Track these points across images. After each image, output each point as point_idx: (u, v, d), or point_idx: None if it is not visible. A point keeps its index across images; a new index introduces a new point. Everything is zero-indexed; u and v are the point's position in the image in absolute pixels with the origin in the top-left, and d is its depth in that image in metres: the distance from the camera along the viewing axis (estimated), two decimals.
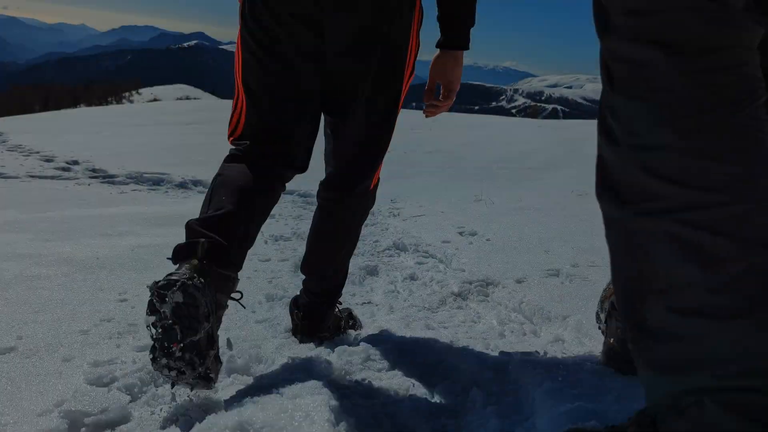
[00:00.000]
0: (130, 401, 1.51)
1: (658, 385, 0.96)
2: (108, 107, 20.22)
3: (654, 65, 0.94)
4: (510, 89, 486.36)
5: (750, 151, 0.90)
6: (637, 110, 0.96)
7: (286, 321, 2.16)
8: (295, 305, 2.05)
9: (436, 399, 1.60)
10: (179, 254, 1.51)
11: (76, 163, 7.55)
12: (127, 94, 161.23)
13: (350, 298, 2.64)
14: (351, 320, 2.19)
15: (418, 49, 1.78)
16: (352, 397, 1.54)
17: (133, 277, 2.64)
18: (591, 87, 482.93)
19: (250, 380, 1.65)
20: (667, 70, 0.93)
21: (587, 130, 11.04)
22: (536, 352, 1.88)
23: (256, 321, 2.20)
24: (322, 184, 1.94)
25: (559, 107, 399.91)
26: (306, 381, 1.52)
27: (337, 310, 2.10)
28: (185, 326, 1.34)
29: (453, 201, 4.95)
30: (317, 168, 1.97)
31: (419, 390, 1.65)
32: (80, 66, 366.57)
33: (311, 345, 1.95)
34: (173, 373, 1.35)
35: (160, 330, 1.35)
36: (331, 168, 1.90)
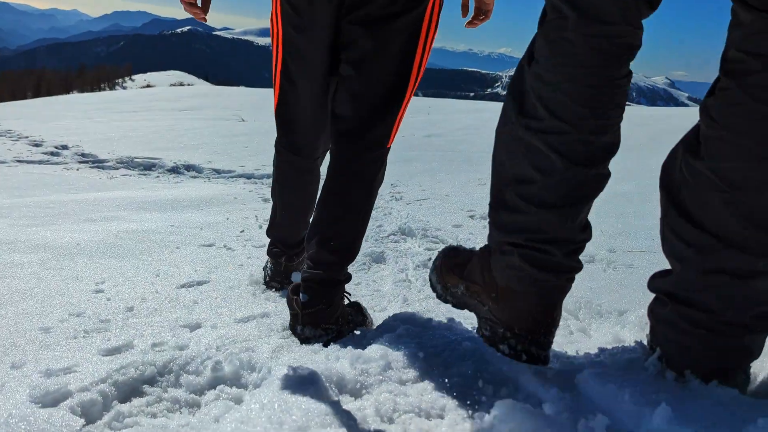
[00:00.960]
0: (84, 425, 1.18)
1: (495, 234, 1.49)
2: (100, 93, 19.97)
3: (568, 20, 1.29)
4: (506, 76, 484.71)
5: (600, 99, 1.32)
6: (547, 48, 1.34)
7: (284, 317, 1.84)
8: (295, 292, 1.75)
9: (477, 421, 1.18)
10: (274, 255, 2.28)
11: (65, 147, 7.37)
12: (120, 80, 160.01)
13: (355, 288, 2.42)
14: (360, 315, 1.89)
15: (441, 7, 1.77)
16: (372, 422, 1.18)
17: (114, 265, 2.46)
18: None
19: (240, 395, 1.34)
20: (574, 27, 1.29)
21: None
22: (595, 355, 1.53)
23: (247, 317, 1.92)
24: (339, 137, 1.79)
25: None
26: (311, 398, 1.19)
27: (345, 300, 1.85)
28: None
29: (456, 184, 4.77)
30: None
31: (457, 412, 1.23)
32: (72, 52, 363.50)
33: (315, 347, 1.60)
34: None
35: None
36: (348, 118, 1.77)
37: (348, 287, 1.87)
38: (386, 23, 1.67)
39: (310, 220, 1.84)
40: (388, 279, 2.61)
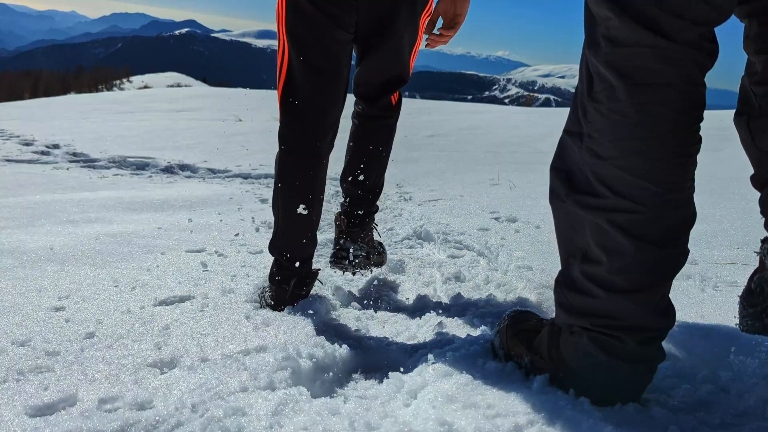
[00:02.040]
0: None
1: (562, 314, 1.35)
2: (98, 94, 19.75)
3: (618, 91, 1.18)
4: (503, 79, 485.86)
5: (671, 173, 1.19)
6: (601, 122, 1.22)
7: (288, 350, 1.49)
8: (340, 213, 2.27)
9: None
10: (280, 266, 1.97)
11: (56, 146, 7.17)
12: (117, 81, 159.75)
13: (375, 304, 2.14)
14: (381, 248, 2.38)
15: None
16: None
17: (86, 274, 2.18)
18: None
19: None
20: (625, 98, 1.17)
21: None
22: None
23: (238, 351, 1.51)
24: (360, 101, 2.14)
25: (551, 97, 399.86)
26: None
27: (376, 232, 2.37)
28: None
29: (467, 185, 4.51)
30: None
31: None
32: (70, 53, 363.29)
33: (332, 404, 1.25)
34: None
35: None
36: (366, 85, 2.10)
37: (366, 305, 2.12)
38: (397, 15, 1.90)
39: (315, 233, 2.00)
40: (411, 294, 2.26)
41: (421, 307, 2.07)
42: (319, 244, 2.19)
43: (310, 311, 1.82)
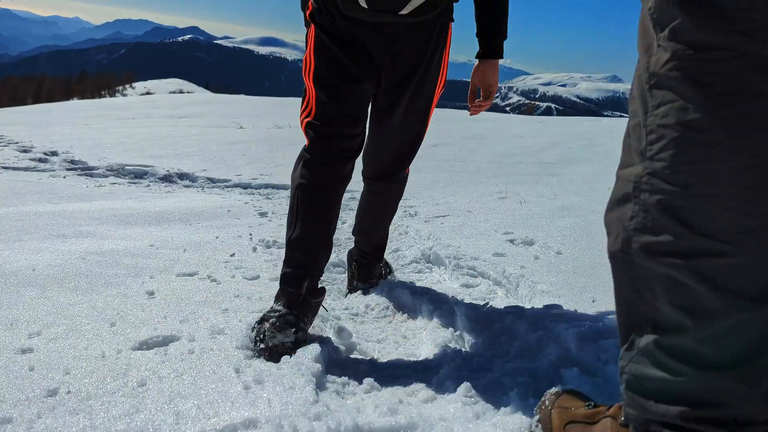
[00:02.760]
0: None
1: (632, 406, 1.03)
2: (100, 100, 19.69)
3: (692, 102, 0.91)
4: (504, 87, 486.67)
5: (762, 204, 0.89)
6: (667, 140, 0.94)
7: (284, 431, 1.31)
8: (352, 258, 2.53)
9: None
10: (288, 282, 1.93)
11: (54, 154, 7.08)
12: (120, 87, 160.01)
13: (379, 345, 1.96)
14: (387, 268, 2.61)
15: (446, 69, 2.14)
16: None
17: (65, 303, 2.00)
18: (585, 86, 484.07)
19: None
20: (704, 111, 0.90)
21: (597, 126, 10.53)
22: None
23: (222, 428, 1.28)
24: (370, 175, 2.31)
25: (553, 105, 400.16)
26: None
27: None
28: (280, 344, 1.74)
29: (474, 197, 4.38)
30: None
31: None
32: (74, 59, 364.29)
33: None
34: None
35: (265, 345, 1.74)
36: (377, 162, 2.26)
37: (371, 346, 1.98)
38: (412, 90, 2.03)
39: (330, 240, 2.04)
40: (428, 340, 1.96)
41: (439, 360, 1.80)
42: (326, 268, 2.35)
43: (311, 362, 1.60)
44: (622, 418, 1.08)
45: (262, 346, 1.69)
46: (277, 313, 1.78)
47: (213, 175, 5.58)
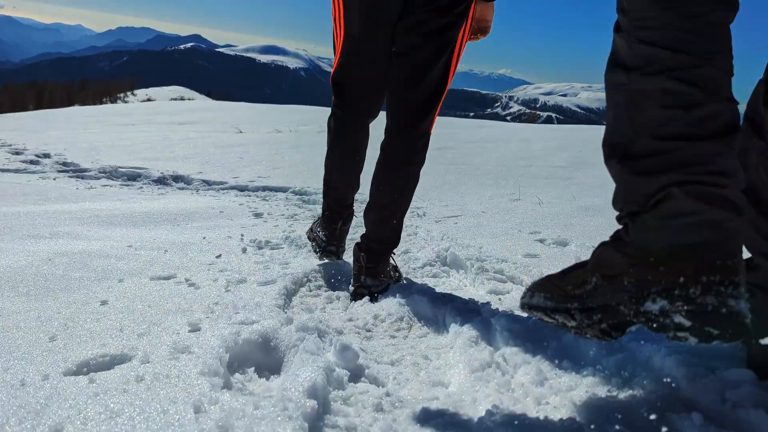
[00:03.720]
0: None
1: (635, 188, 1.20)
2: (101, 106, 19.51)
3: None
4: (505, 96, 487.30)
5: (719, 30, 1.18)
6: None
7: None
8: (360, 249, 2.29)
9: None
10: (329, 221, 2.46)
11: (47, 156, 6.89)
12: (121, 95, 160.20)
13: (395, 371, 1.55)
14: (396, 272, 2.41)
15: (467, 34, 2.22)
16: None
17: (12, 309, 1.74)
18: (586, 95, 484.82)
19: None
20: None
21: (595, 135, 10.28)
22: None
23: None
24: (394, 122, 2.21)
25: (553, 115, 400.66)
26: None
27: (392, 258, 2.41)
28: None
29: (485, 199, 4.12)
30: (312, 170, 1.79)
31: None
32: (76, 66, 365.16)
33: None
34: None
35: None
36: (403, 103, 2.19)
37: (383, 370, 1.61)
38: (439, 33, 2.09)
39: (359, 177, 2.42)
40: (454, 356, 1.60)
41: (477, 392, 1.37)
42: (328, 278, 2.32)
43: (301, 397, 1.19)
44: (619, 231, 1.25)
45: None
46: (322, 244, 2.46)
47: (209, 177, 5.35)
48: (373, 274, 2.24)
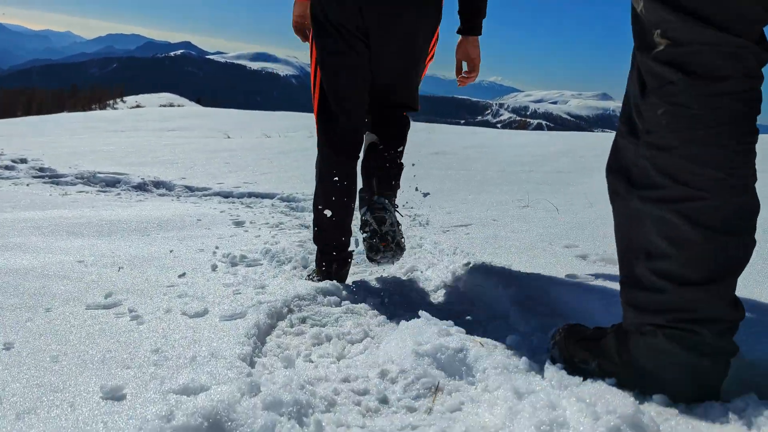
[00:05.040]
0: None
1: (631, 315, 1.35)
2: (90, 113, 19.07)
3: (678, 85, 1.23)
4: (495, 104, 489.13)
5: (729, 159, 1.22)
6: (658, 117, 1.26)
7: None
8: (369, 172, 2.36)
9: None
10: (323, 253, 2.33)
11: (23, 161, 6.56)
12: (111, 101, 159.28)
13: None
14: (400, 241, 2.41)
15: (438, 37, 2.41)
16: None
17: None
18: (575, 103, 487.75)
19: None
20: (686, 90, 1.22)
21: (606, 137, 10.06)
22: None
23: None
24: (379, 102, 2.42)
25: (544, 122, 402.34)
26: None
27: (396, 211, 2.43)
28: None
29: (491, 206, 3.79)
30: (301, 175, 1.80)
31: None
32: (65, 73, 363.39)
33: None
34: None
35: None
36: (386, 87, 2.41)
37: None
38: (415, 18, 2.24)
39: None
40: None
41: None
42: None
43: None
44: (622, 322, 1.38)
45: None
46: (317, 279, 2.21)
47: (192, 183, 5.04)
48: (384, 191, 2.31)
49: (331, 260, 2.28)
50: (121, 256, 2.33)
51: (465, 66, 2.46)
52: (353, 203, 2.31)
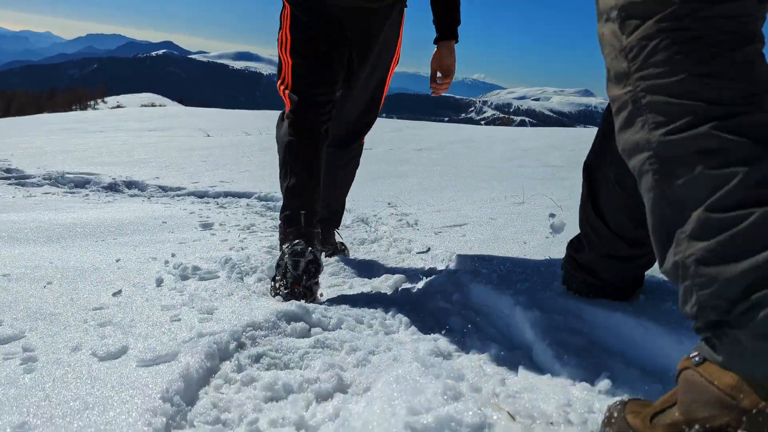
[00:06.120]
0: None
1: (706, 286, 0.94)
2: (69, 113, 18.64)
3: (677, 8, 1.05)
4: (479, 101, 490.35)
5: (747, 72, 1.01)
6: (659, 51, 1.05)
7: None
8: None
9: None
10: (289, 222, 2.06)
11: None
12: (92, 102, 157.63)
13: None
14: (344, 247, 2.63)
15: (401, 46, 2.47)
16: None
17: None
18: (558, 99, 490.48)
19: None
20: (688, 13, 1.03)
21: (583, 135, 9.89)
22: None
23: None
24: (335, 140, 2.44)
25: (527, 119, 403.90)
26: None
27: (337, 236, 2.69)
28: (310, 276, 1.90)
29: (483, 203, 3.55)
30: (276, 173, 1.90)
31: None
32: (45, 74, 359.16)
33: None
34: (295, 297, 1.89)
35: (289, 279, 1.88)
36: (335, 131, 2.38)
37: None
38: (375, 60, 2.34)
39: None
40: None
41: None
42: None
43: None
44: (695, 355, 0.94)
45: (288, 285, 1.83)
46: (289, 249, 1.89)
47: (166, 183, 4.77)
48: (322, 243, 2.33)
49: (298, 217, 2.02)
50: (57, 268, 2.01)
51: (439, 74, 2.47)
52: (320, 176, 2.14)
